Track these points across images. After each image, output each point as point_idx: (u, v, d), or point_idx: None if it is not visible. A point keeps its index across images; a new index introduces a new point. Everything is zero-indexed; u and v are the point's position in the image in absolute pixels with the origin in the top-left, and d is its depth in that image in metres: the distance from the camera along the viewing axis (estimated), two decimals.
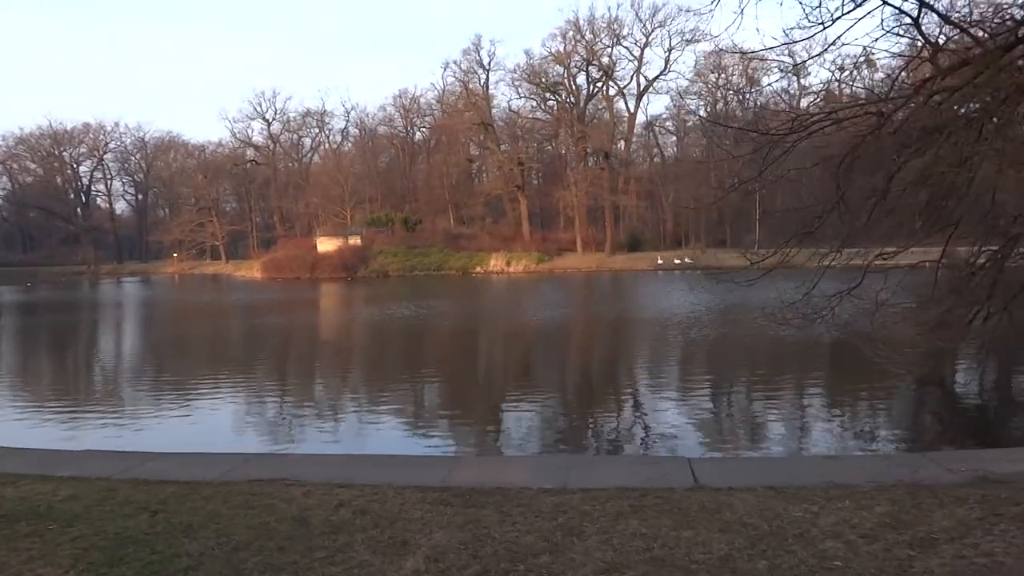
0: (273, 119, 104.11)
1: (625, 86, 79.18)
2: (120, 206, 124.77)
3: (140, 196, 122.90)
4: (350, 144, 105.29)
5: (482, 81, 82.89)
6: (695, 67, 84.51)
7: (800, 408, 13.67)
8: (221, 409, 14.64)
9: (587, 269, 67.44)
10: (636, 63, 77.97)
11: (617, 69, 78.52)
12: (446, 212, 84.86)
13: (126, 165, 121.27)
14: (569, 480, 7.43)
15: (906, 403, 14.07)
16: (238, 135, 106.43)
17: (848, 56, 74.00)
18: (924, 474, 7.10)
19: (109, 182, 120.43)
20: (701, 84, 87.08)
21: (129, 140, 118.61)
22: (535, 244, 74.70)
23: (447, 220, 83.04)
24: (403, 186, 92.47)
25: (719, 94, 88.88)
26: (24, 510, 6.68)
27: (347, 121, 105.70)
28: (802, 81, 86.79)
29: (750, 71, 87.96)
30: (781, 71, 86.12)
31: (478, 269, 69.53)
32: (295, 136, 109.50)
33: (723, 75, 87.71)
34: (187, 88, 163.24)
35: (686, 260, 65.65)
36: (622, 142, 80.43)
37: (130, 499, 7.08)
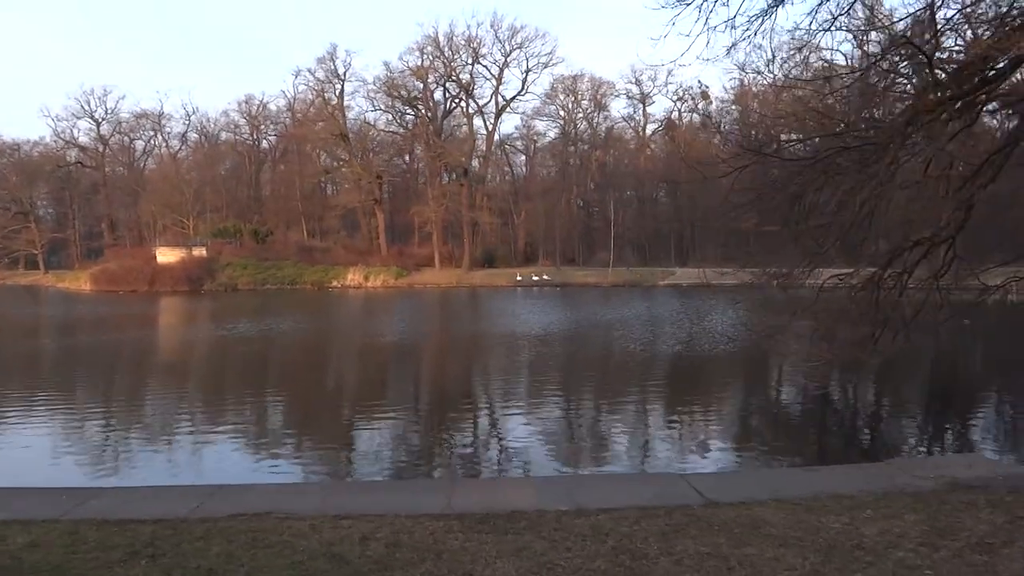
0: (103, 119, 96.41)
1: (484, 105, 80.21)
2: None
3: None
4: (189, 149, 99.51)
5: (337, 91, 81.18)
6: (550, 88, 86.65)
7: (706, 421, 14.37)
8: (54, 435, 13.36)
9: (447, 285, 67.40)
10: (495, 82, 79.20)
11: (475, 87, 79.39)
12: (298, 224, 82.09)
13: None
14: (580, 501, 7.40)
15: (802, 417, 15.13)
16: (61, 134, 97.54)
17: (685, 87, 79.37)
18: (902, 482, 7.68)
19: None
20: (552, 106, 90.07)
21: None
22: (392, 259, 73.88)
23: (300, 232, 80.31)
24: (250, 196, 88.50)
25: (567, 116, 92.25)
26: None
27: (187, 125, 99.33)
28: (648, 108, 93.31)
29: (599, 96, 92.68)
30: (628, 98, 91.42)
31: (335, 283, 67.77)
32: (126, 139, 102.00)
33: (574, 98, 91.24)
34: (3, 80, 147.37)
35: (544, 277, 67.16)
36: (478, 159, 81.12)
37: (106, 543, 6.31)
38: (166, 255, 69.49)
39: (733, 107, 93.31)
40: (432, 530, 6.44)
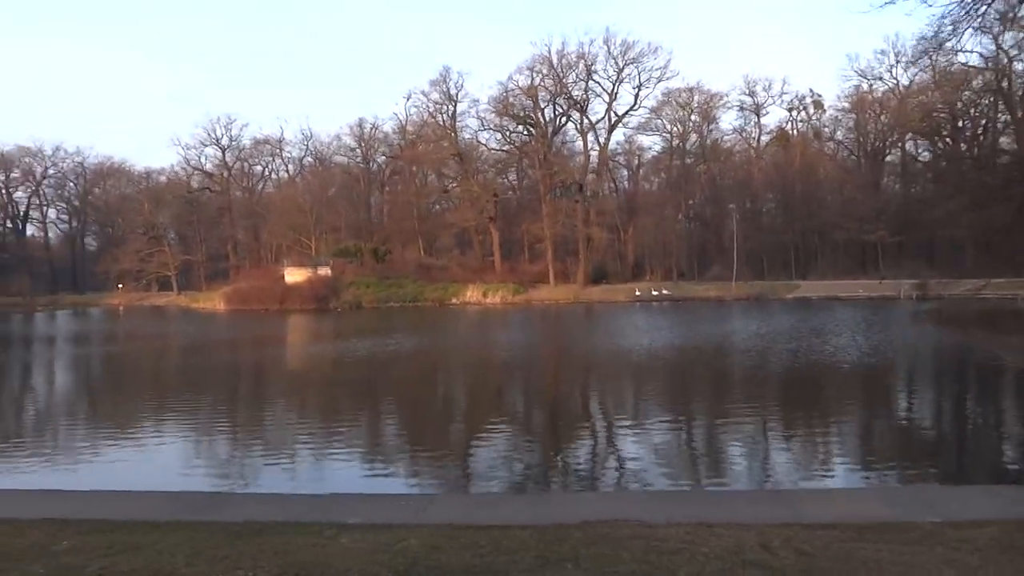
0: (227, 146, 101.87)
1: (597, 121, 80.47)
2: (54, 234, 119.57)
3: (75, 223, 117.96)
4: (305, 173, 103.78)
5: (449, 112, 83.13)
6: (656, 102, 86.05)
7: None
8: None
9: (564, 301, 67.69)
10: (608, 98, 79.32)
11: (588, 103, 79.76)
12: (415, 242, 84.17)
13: (61, 192, 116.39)
14: (941, 512, 7.27)
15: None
16: (191, 162, 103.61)
17: (799, 96, 77.47)
18: None
19: (45, 209, 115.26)
20: (659, 120, 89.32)
21: (67, 165, 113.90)
22: (506, 275, 74.73)
23: (416, 251, 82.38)
24: (366, 216, 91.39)
25: (675, 129, 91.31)
26: None
27: (305, 150, 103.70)
28: (762, 120, 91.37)
29: (709, 108, 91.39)
30: (742, 109, 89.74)
31: (454, 300, 68.98)
32: (246, 164, 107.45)
33: (684, 111, 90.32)
34: (132, 113, 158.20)
35: (663, 292, 66.50)
36: (591, 175, 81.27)
37: (506, 547, 6.58)
38: (293, 275, 72.42)
39: (850, 115, 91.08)
40: (824, 539, 6.47)
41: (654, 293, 66.13)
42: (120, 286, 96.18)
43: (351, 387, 21.99)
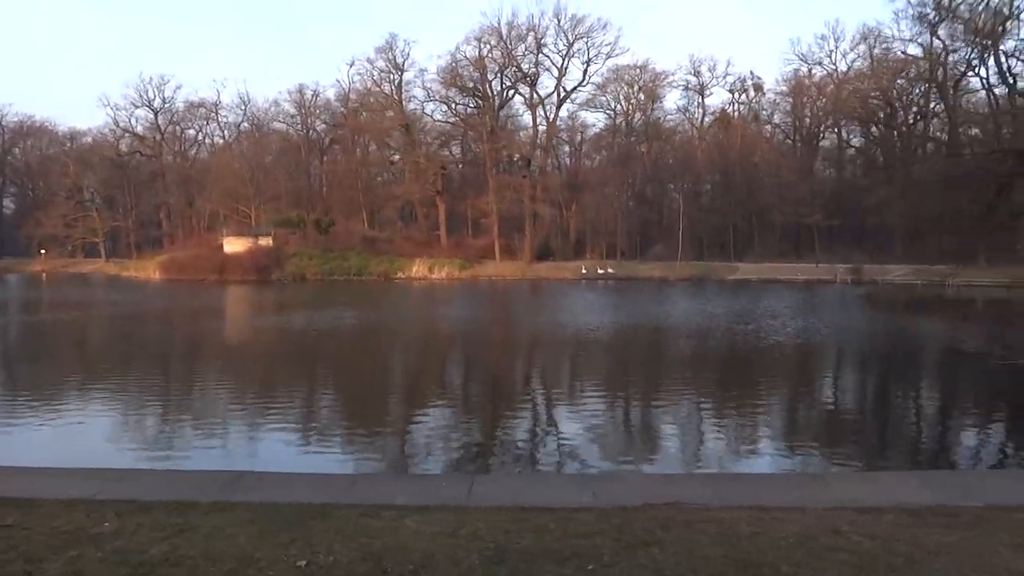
0: (160, 108, 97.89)
1: (547, 96, 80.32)
2: None
3: None
4: (242, 139, 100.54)
5: (395, 81, 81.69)
6: (603, 79, 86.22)
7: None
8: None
9: (512, 277, 67.86)
10: (557, 72, 79.22)
11: (538, 77, 79.53)
12: (358, 214, 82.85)
13: None
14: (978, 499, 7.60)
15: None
16: (121, 124, 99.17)
17: (741, 78, 79.06)
18: None
19: None
20: (604, 97, 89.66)
21: None
22: (452, 250, 74.46)
23: (360, 223, 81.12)
24: (307, 186, 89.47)
25: (620, 107, 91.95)
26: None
27: (243, 115, 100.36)
28: (705, 100, 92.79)
29: (654, 87, 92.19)
30: (687, 89, 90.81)
31: (400, 275, 68.40)
32: (179, 128, 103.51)
33: (631, 88, 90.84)
34: (57, 70, 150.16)
35: (608, 270, 67.30)
36: (539, 151, 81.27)
37: (580, 531, 6.57)
38: (233, 244, 70.52)
39: (787, 99, 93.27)
40: (886, 523, 6.68)
41: (599, 271, 66.88)
42: (43, 252, 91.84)
43: (297, 361, 21.56)
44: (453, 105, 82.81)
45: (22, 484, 8.54)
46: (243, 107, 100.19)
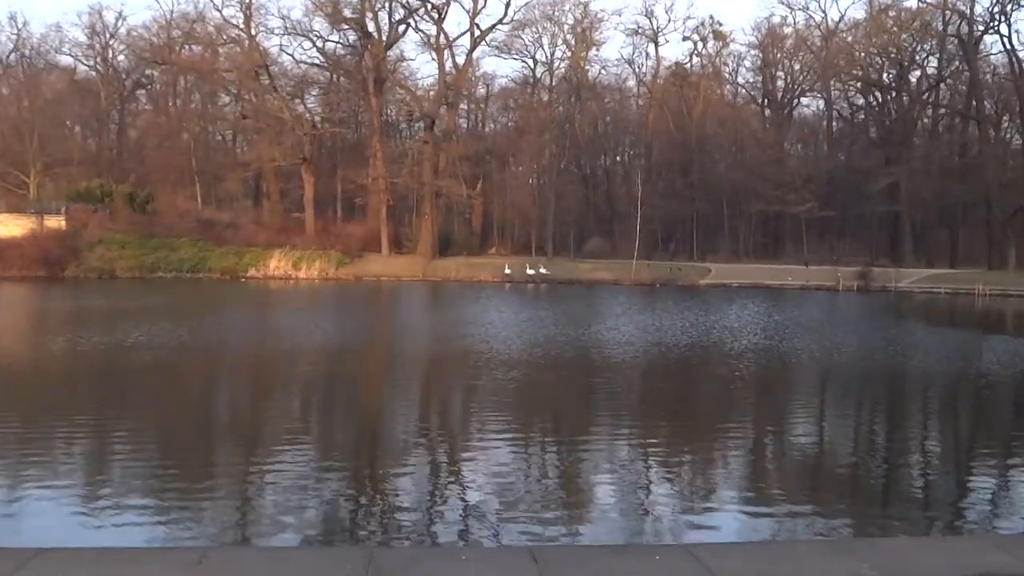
0: None
1: (457, 37, 77.80)
2: None
3: None
4: (10, 76, 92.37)
5: (244, 3, 76.90)
6: (523, 16, 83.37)
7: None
8: None
9: (409, 277, 65.42)
10: (471, 5, 76.56)
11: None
12: (190, 188, 77.93)
13: None
14: None
15: None
16: None
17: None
18: None
19: None
20: (522, 39, 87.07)
21: None
22: (322, 240, 71.05)
23: (193, 199, 76.27)
24: (115, 147, 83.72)
25: (543, 54, 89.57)
26: None
27: (15, 42, 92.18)
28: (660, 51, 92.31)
29: (590, 29, 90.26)
30: (637, 33, 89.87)
31: (252, 272, 64.44)
32: None
33: (558, 27, 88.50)
34: None
35: (541, 271, 65.19)
36: (444, 108, 78.48)
37: None
38: (7, 226, 64.51)
39: (753, 52, 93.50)
40: None
41: (530, 272, 64.63)
42: None
43: (98, 400, 19.05)
44: (321, 42, 78.67)
45: None
46: (14, 32, 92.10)
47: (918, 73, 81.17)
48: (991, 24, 73.51)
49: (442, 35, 77.35)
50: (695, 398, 20.28)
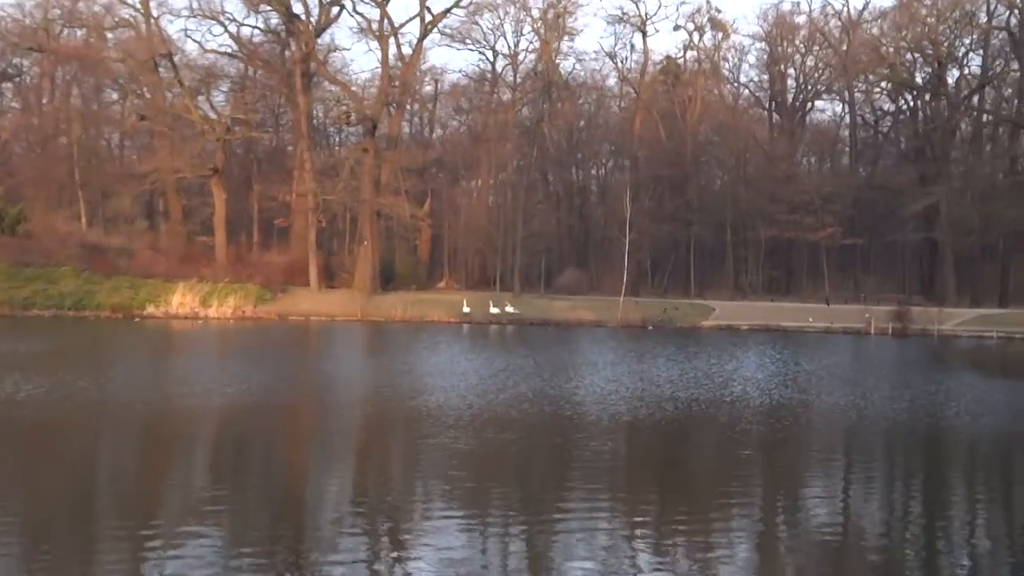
0: None
1: (403, 24, 78.25)
2: None
3: None
4: None
5: None
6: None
7: None
8: None
9: (345, 316, 65.06)
10: None
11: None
12: (73, 206, 77.27)
13: None
14: None
15: None
16: None
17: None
18: None
19: None
20: (478, 27, 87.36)
21: None
22: (236, 271, 70.87)
23: (77, 220, 75.68)
24: None
25: (505, 47, 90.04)
26: None
27: None
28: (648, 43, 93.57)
29: (562, 15, 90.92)
30: (621, 20, 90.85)
31: (151, 309, 63.68)
32: None
33: (526, 15, 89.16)
34: None
35: (507, 309, 65.27)
36: (389, 107, 78.97)
37: None
38: None
39: (759, 45, 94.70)
40: None
41: (495, 311, 64.65)
42: None
43: None
44: (235, 26, 78.71)
45: None
46: None
47: (957, 73, 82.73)
48: None
49: (386, 20, 77.81)
50: (738, 465, 20.36)
